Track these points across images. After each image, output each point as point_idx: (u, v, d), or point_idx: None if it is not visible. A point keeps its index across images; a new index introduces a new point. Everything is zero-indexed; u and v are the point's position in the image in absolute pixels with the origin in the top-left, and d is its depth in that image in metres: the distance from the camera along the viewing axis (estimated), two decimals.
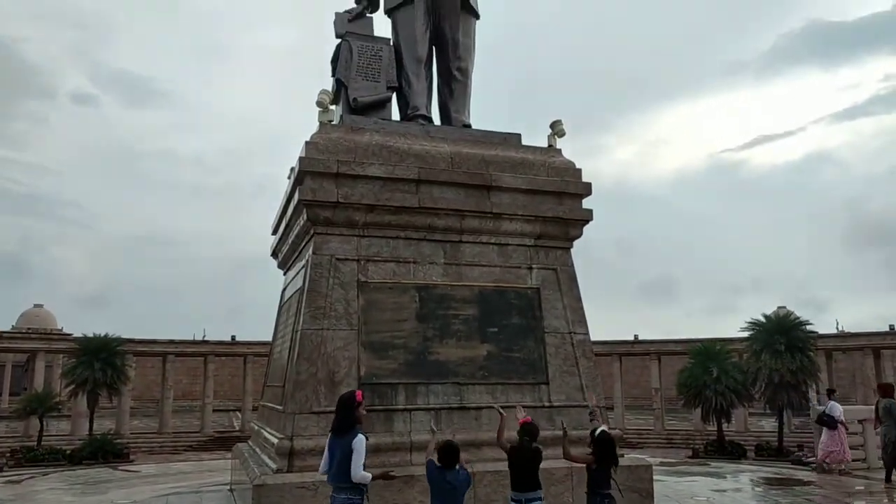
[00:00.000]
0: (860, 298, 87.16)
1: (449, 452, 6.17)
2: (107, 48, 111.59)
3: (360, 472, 5.72)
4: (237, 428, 35.95)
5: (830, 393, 17.08)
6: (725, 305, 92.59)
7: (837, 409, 15.21)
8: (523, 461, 6.38)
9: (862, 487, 12.52)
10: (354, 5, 11.01)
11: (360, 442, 5.74)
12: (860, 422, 15.90)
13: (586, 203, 10.40)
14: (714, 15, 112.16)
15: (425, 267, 9.48)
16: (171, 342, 36.16)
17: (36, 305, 51.90)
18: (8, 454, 26.13)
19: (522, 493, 6.27)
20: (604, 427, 7.07)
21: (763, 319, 26.16)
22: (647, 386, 40.02)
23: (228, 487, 11.46)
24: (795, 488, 12.42)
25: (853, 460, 15.14)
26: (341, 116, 10.13)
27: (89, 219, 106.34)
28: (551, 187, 10.12)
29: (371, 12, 11.14)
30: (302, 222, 9.46)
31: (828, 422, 14.83)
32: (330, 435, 6.12)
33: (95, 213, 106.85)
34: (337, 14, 10.88)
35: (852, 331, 38.37)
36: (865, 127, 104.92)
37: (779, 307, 36.86)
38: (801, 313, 28.74)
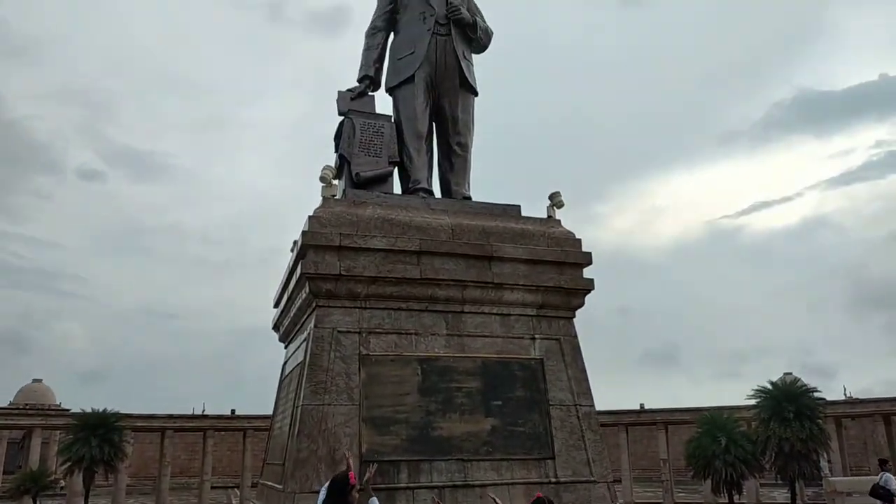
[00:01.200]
0: (866, 364, 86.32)
1: None
2: (113, 124, 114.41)
3: None
4: None
5: (883, 463, 16.15)
6: (730, 372, 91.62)
7: (893, 481, 14.65)
8: None
9: None
10: (357, 84, 11.35)
11: None
12: None
13: (587, 272, 10.43)
14: (705, 87, 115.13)
15: (427, 338, 9.43)
16: (170, 417, 35.62)
17: (34, 380, 51.42)
18: None
19: None
20: None
21: (770, 386, 25.85)
22: (654, 457, 39.15)
23: None
24: None
25: None
26: (344, 191, 10.29)
27: (91, 292, 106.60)
28: (552, 257, 10.17)
29: (373, 91, 11.48)
30: (304, 295, 9.47)
31: (883, 495, 14.30)
32: None
33: (97, 286, 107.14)
34: (340, 93, 11.20)
35: (861, 397, 37.81)
36: (861, 192, 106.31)
37: (785, 373, 36.35)
38: (808, 380, 28.47)
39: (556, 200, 10.76)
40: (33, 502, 27.81)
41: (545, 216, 10.80)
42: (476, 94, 11.65)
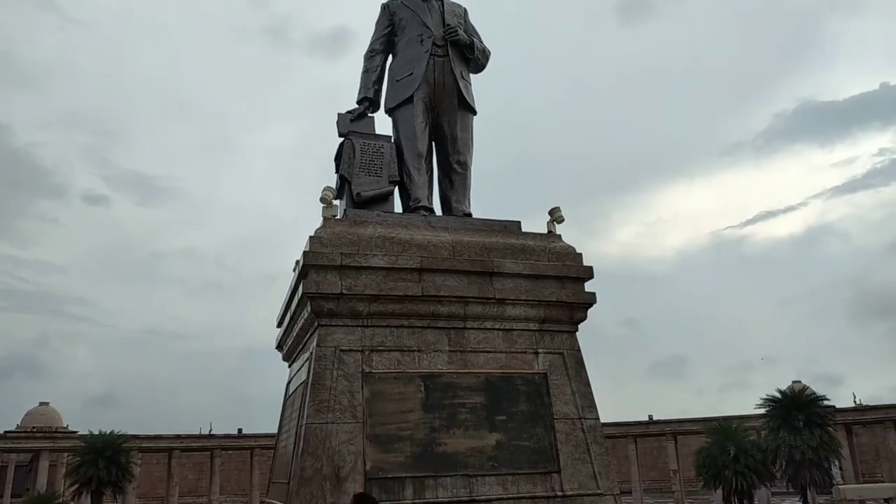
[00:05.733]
0: (872, 371, 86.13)
1: None
2: (118, 149, 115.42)
3: None
4: None
5: None
6: (738, 382, 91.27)
7: None
8: None
9: None
10: (356, 106, 11.47)
11: None
12: (886, 500, 15.40)
13: (589, 286, 10.47)
14: (708, 99, 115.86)
15: (430, 355, 9.47)
16: (178, 437, 35.65)
17: (41, 403, 51.41)
18: None
19: None
20: None
21: (778, 395, 25.76)
22: (664, 468, 38.94)
23: None
24: None
25: None
26: (345, 211, 10.38)
27: (97, 315, 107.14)
28: (553, 272, 10.22)
29: (372, 112, 11.60)
30: (306, 315, 9.54)
31: None
32: None
33: (103, 309, 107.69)
34: (339, 114, 11.33)
35: (870, 404, 37.57)
36: (865, 200, 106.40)
37: (793, 381, 36.22)
38: (815, 388, 28.34)
39: (556, 216, 10.83)
40: None
41: (545, 231, 10.87)
42: (475, 112, 11.76)
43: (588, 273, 10.42)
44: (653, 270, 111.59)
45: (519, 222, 11.00)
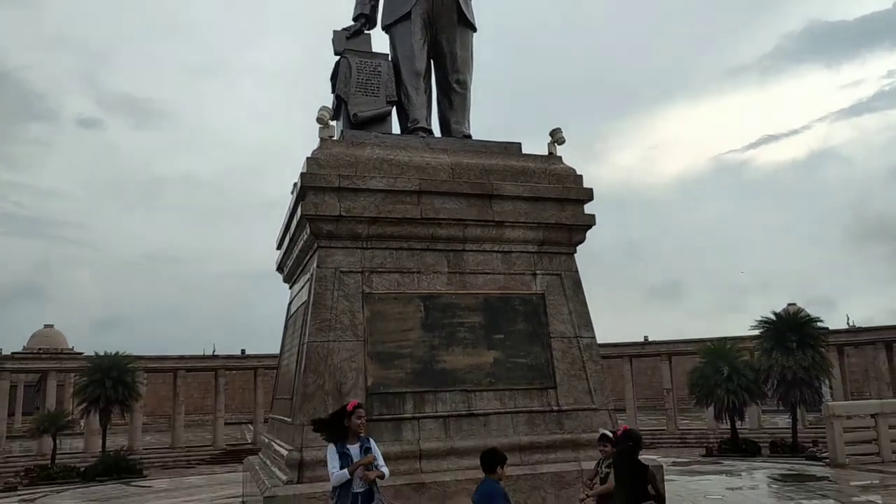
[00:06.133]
0: (868, 294, 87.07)
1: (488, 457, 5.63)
2: (108, 71, 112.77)
3: (330, 472, 5.74)
4: (249, 441, 36.05)
5: None
6: (734, 305, 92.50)
7: None
8: (633, 474, 5.77)
9: (877, 481, 12.48)
10: (352, 23, 11.14)
11: (329, 448, 5.83)
12: (872, 416, 15.85)
13: (589, 208, 10.46)
14: (713, 20, 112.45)
15: (429, 276, 9.55)
16: (182, 358, 36.33)
17: (46, 326, 52.28)
18: (22, 473, 26.29)
19: None
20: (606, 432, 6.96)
21: (773, 317, 26.13)
22: (658, 387, 39.97)
23: (241, 500, 11.54)
24: (810, 483, 12.41)
25: (866, 454, 15.09)
26: (342, 132, 10.24)
27: (96, 240, 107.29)
28: (553, 194, 10.19)
29: (369, 29, 11.28)
30: (305, 237, 9.56)
31: None
32: None
33: (102, 234, 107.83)
34: (335, 32, 11.01)
35: (863, 325, 38.21)
36: (870, 123, 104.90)
37: (789, 304, 36.73)
38: (811, 310, 28.71)
39: (556, 137, 10.70)
40: (53, 441, 28.66)
41: (546, 153, 10.76)
42: (475, 29, 11.44)
43: (588, 195, 10.39)
44: (653, 195, 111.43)
45: (519, 144, 10.88)
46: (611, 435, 6.38)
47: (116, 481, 20.63)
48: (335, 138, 9.91)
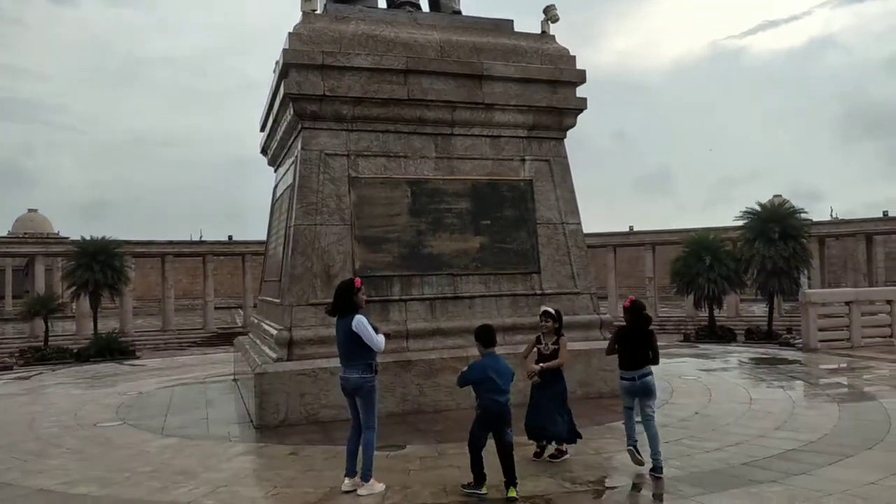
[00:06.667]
0: (855, 188, 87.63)
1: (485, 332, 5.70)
2: None
3: (375, 342, 5.62)
4: (239, 324, 36.76)
5: None
6: (721, 197, 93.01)
7: None
8: (639, 339, 5.93)
9: (845, 364, 12.97)
10: None
11: (359, 320, 5.70)
12: (847, 304, 16.29)
13: (580, 91, 10.20)
14: None
15: (417, 161, 9.40)
16: (169, 243, 36.38)
17: (30, 210, 51.81)
18: (17, 354, 26.81)
19: (635, 371, 5.89)
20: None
21: (758, 208, 26.28)
22: (641, 276, 40.76)
23: (232, 378, 11.85)
24: (781, 366, 12.88)
25: (837, 340, 15.62)
26: (325, 5, 9.74)
27: (78, 123, 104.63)
28: (545, 76, 9.88)
29: None
30: (289, 117, 9.30)
31: None
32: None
33: (84, 117, 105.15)
34: None
35: (845, 218, 38.68)
36: (871, 9, 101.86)
37: (774, 196, 36.92)
38: (797, 203, 28.91)
39: (550, 14, 10.25)
40: (45, 323, 29.07)
41: (539, 32, 10.35)
42: None
43: (581, 77, 10.09)
44: (646, 81, 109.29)
45: (511, 21, 10.44)
46: (553, 312, 6.49)
47: (110, 361, 21.10)
48: (318, 12, 9.44)
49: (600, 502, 5.22)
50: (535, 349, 6.53)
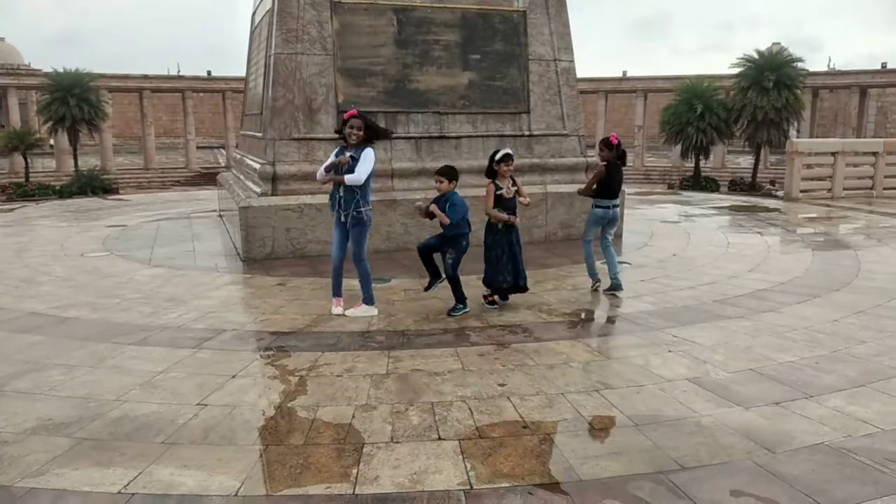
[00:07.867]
0: (855, 37, 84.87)
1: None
2: None
3: (357, 176, 5.65)
4: (222, 164, 36.36)
5: None
6: (718, 44, 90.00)
7: None
8: (619, 176, 6.71)
9: (823, 213, 13.20)
10: None
11: (368, 152, 5.70)
12: (833, 154, 16.30)
13: None
14: None
15: None
16: (146, 77, 34.98)
17: None
18: None
19: (612, 200, 6.64)
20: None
21: (755, 56, 25.47)
22: (630, 125, 40.27)
23: (217, 214, 11.87)
24: (760, 214, 13.09)
25: (819, 190, 15.79)
26: None
27: None
28: None
29: None
30: None
31: None
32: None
33: None
34: None
35: (843, 69, 37.77)
36: None
37: (773, 43, 35.69)
38: (795, 51, 28.00)
39: None
40: (24, 159, 28.54)
41: None
42: None
43: None
44: None
45: None
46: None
47: (94, 196, 21.00)
48: None
49: (574, 331, 5.44)
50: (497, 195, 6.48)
